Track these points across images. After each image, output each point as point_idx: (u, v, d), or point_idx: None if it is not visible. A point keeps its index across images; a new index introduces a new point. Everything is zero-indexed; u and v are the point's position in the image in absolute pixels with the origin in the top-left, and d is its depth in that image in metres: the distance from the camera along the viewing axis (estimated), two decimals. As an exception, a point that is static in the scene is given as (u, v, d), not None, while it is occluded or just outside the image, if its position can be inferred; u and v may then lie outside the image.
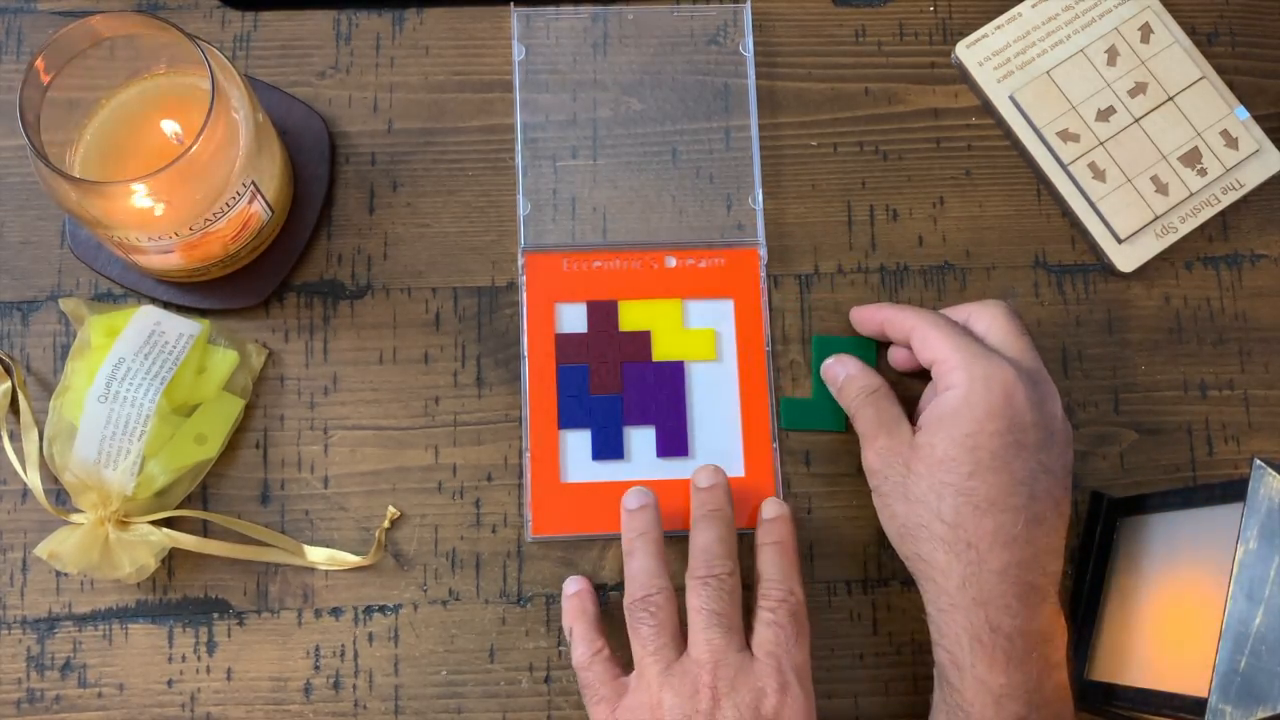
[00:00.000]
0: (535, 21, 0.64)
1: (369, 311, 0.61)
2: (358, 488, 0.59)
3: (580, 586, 0.57)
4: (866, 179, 0.64)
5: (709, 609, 0.52)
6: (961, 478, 0.52)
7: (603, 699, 0.53)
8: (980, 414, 0.52)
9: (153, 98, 0.56)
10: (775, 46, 0.65)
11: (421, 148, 0.63)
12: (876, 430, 0.56)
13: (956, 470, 0.52)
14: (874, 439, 0.55)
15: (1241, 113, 0.64)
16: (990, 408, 0.52)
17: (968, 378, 0.53)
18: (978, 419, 0.52)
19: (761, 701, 0.50)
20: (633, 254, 0.61)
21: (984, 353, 0.54)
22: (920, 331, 0.56)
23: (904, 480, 0.53)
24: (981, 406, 0.52)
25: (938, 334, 0.55)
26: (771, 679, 0.51)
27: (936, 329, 0.55)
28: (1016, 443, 0.52)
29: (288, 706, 0.56)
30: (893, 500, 0.54)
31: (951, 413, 0.53)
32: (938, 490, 0.52)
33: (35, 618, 0.57)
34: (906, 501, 0.53)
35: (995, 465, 0.52)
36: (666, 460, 0.59)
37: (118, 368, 0.55)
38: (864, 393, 0.57)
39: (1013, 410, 0.52)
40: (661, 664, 0.52)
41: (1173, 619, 0.51)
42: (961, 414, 0.52)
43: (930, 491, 0.52)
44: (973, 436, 0.52)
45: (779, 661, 0.51)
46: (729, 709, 0.50)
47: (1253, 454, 0.57)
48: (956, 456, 0.52)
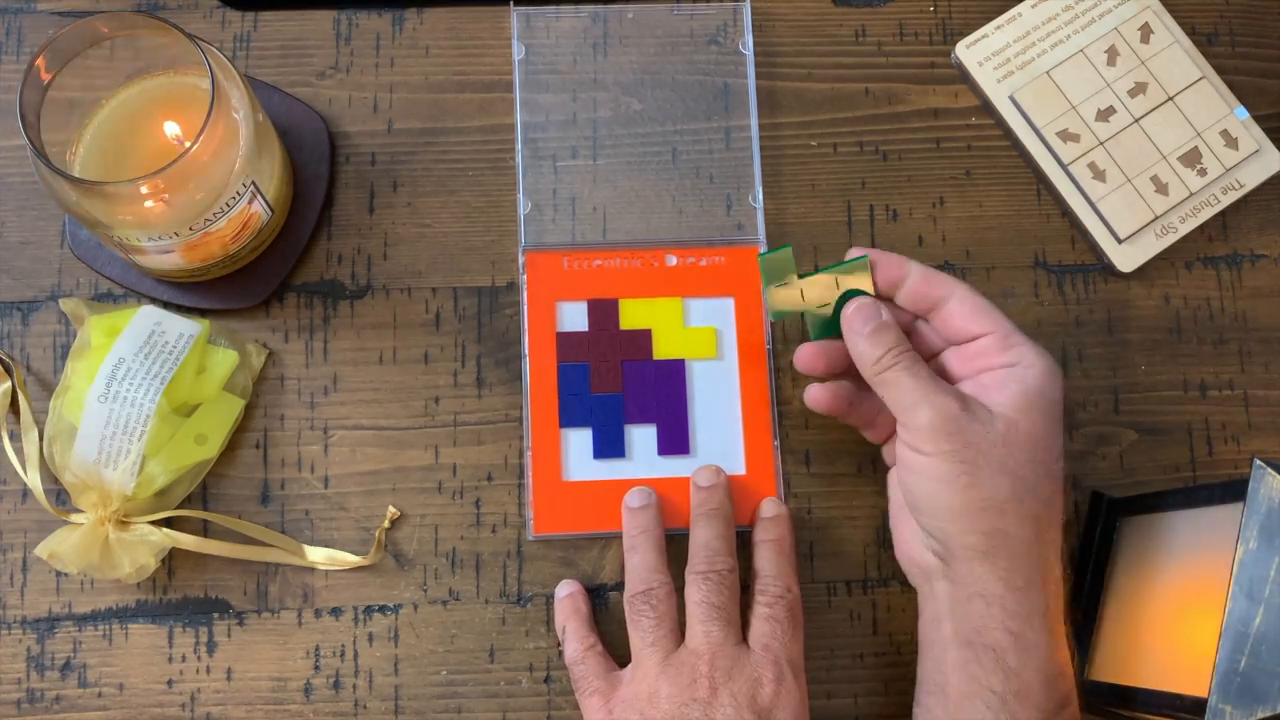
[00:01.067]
0: (535, 21, 0.64)
1: (369, 311, 0.61)
2: (358, 488, 0.59)
3: (573, 589, 0.57)
4: (866, 179, 0.64)
5: (708, 602, 0.53)
6: (1052, 459, 0.51)
7: (596, 691, 0.53)
8: (1058, 396, 0.52)
9: (153, 98, 0.56)
10: (775, 46, 0.65)
11: (421, 148, 0.63)
12: (936, 389, 0.51)
13: (1050, 450, 0.51)
14: (940, 400, 0.50)
15: (1241, 113, 0.64)
16: (1060, 386, 0.52)
17: (1039, 356, 0.52)
18: (1056, 400, 0.52)
19: (757, 691, 0.51)
20: (633, 252, 0.61)
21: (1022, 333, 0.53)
22: (969, 300, 0.53)
23: (997, 451, 0.50)
24: (1058, 388, 0.52)
25: (989, 306, 0.53)
26: (768, 670, 0.51)
27: (985, 301, 0.53)
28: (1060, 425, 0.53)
29: (288, 706, 0.56)
30: (981, 470, 0.50)
31: (1039, 391, 0.51)
32: (1034, 467, 0.50)
33: (35, 618, 0.57)
34: (1001, 474, 0.50)
35: (1063, 448, 0.52)
36: (667, 458, 0.59)
37: (118, 368, 0.55)
38: (901, 344, 0.52)
39: (1062, 385, 0.53)
40: (660, 654, 0.52)
41: (1173, 619, 0.51)
42: (1047, 393, 0.51)
43: (1028, 467, 0.50)
44: (1057, 420, 0.52)
45: (775, 654, 0.52)
46: (726, 698, 0.50)
47: (1253, 454, 0.57)
48: (1048, 436, 0.51)
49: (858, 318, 0.53)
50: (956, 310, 0.53)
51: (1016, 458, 0.50)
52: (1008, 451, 0.50)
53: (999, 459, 0.50)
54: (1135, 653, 0.53)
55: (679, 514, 0.58)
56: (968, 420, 0.50)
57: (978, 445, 0.50)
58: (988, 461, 0.50)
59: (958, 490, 0.50)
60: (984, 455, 0.50)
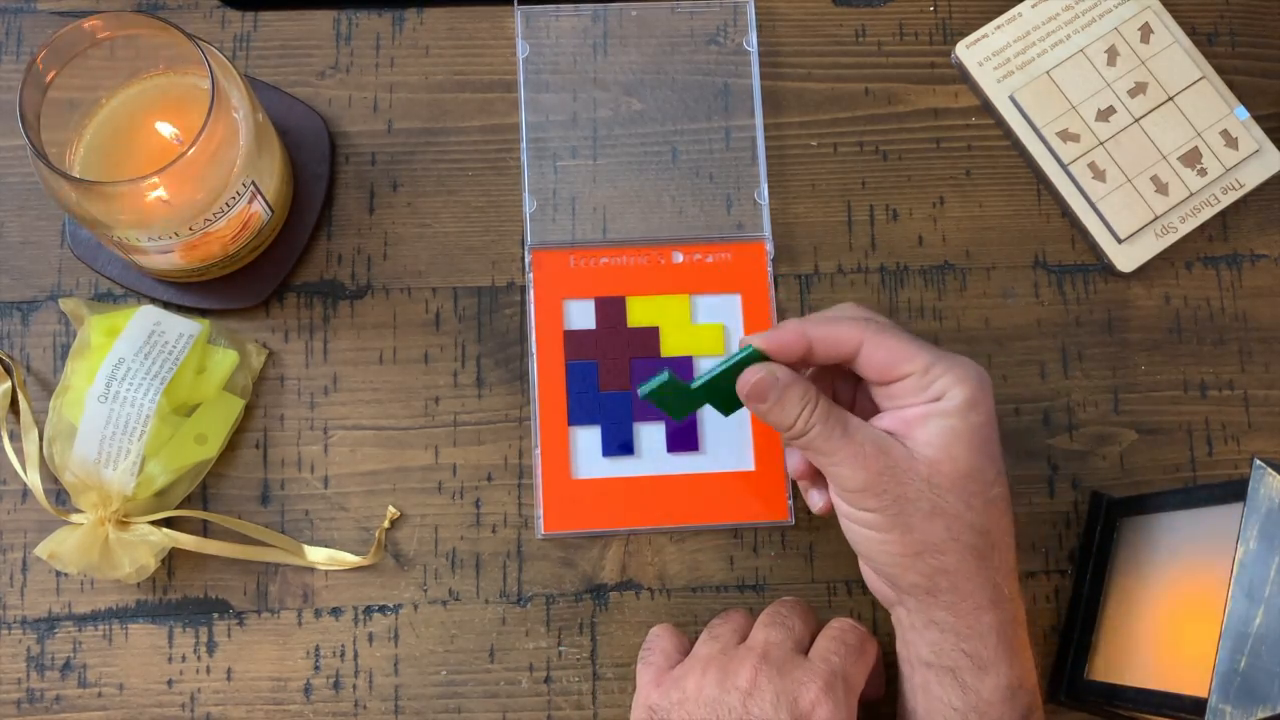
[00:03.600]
0: (536, 20, 0.64)
1: (369, 311, 0.61)
2: (358, 488, 0.59)
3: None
4: (866, 179, 0.64)
5: (777, 614, 0.53)
6: (986, 485, 0.50)
7: (653, 664, 0.54)
8: (984, 417, 0.50)
9: (153, 98, 0.56)
10: (775, 46, 0.65)
11: (421, 148, 0.63)
12: (857, 448, 0.50)
13: (982, 479, 0.50)
14: (861, 458, 0.50)
15: (1241, 113, 0.64)
16: (987, 407, 0.51)
17: (959, 382, 0.50)
18: (984, 423, 0.50)
19: (801, 694, 0.49)
20: (640, 250, 0.61)
21: (945, 351, 0.51)
22: (879, 347, 0.51)
23: (926, 496, 0.49)
24: (983, 408, 0.50)
25: (897, 340, 0.51)
26: (819, 679, 0.50)
27: (892, 334, 0.51)
28: (996, 438, 0.51)
29: (288, 706, 0.56)
30: (913, 518, 0.49)
31: (961, 426, 0.50)
32: (967, 501, 0.50)
33: (35, 618, 0.57)
34: (933, 517, 0.49)
35: (1002, 463, 0.51)
36: (676, 455, 0.59)
37: (118, 368, 0.55)
38: (811, 404, 0.50)
39: (992, 409, 0.51)
40: (716, 647, 0.52)
41: (1173, 619, 0.51)
42: (971, 421, 0.50)
43: (960, 503, 0.49)
44: (987, 443, 0.50)
45: (831, 667, 0.50)
46: (767, 693, 0.49)
47: (1253, 454, 0.57)
48: (981, 466, 0.50)
49: (754, 395, 0.51)
50: (868, 359, 0.51)
51: (946, 498, 0.49)
52: (936, 495, 0.49)
53: (929, 503, 0.49)
54: (1135, 653, 0.53)
55: (689, 510, 0.58)
56: (892, 474, 0.49)
57: (905, 495, 0.49)
58: (917, 509, 0.49)
59: (893, 540, 0.50)
60: (913, 504, 0.49)
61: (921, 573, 0.50)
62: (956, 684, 0.50)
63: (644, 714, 0.51)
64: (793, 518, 0.59)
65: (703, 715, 0.49)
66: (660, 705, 0.51)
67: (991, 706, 0.50)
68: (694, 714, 0.50)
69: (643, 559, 0.59)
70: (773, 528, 0.59)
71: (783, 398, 0.50)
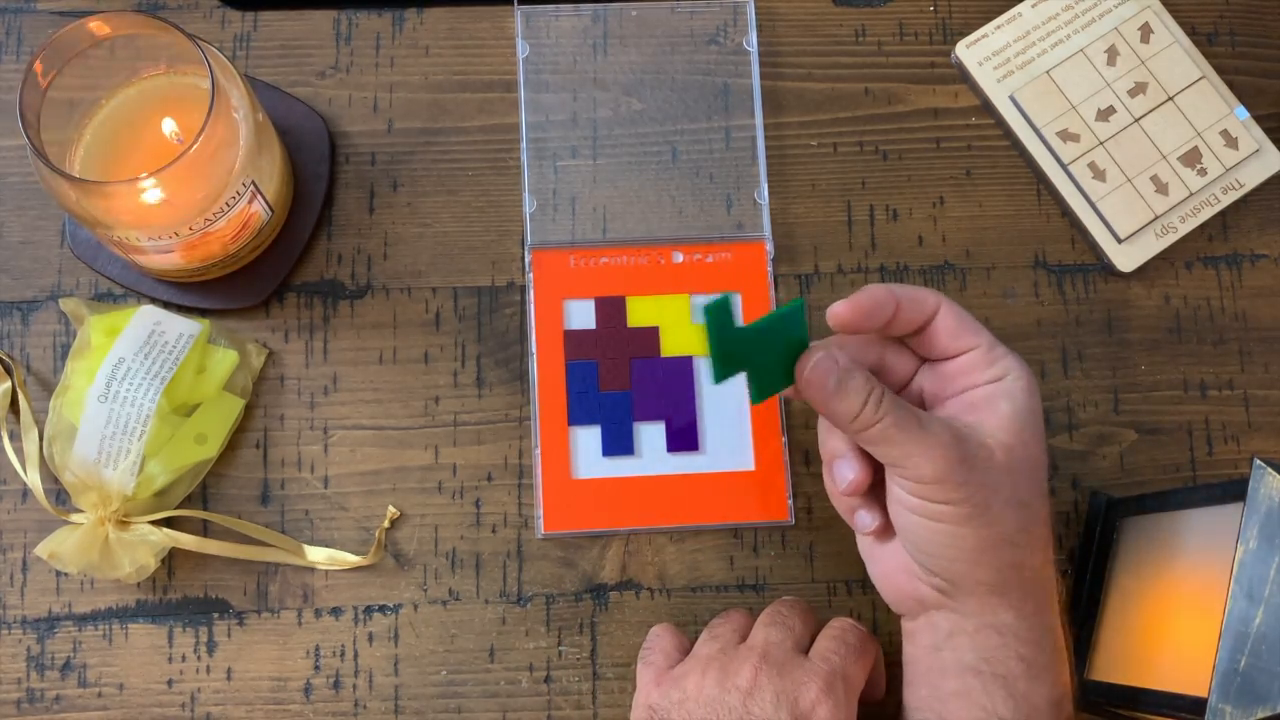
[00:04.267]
0: (536, 20, 0.64)
1: (369, 311, 0.61)
2: (358, 488, 0.59)
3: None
4: (866, 179, 0.64)
5: (778, 613, 0.53)
6: (1044, 478, 0.49)
7: (653, 664, 0.53)
8: (1040, 408, 0.49)
9: (153, 98, 0.56)
10: (775, 46, 0.65)
11: (421, 148, 0.63)
12: (933, 435, 0.46)
13: (1044, 469, 0.49)
14: (939, 446, 0.46)
15: (1241, 112, 0.64)
16: (1040, 402, 0.49)
17: (1023, 368, 0.49)
18: (1041, 414, 0.49)
19: (801, 694, 0.49)
20: (640, 249, 0.61)
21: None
22: (952, 315, 0.49)
23: (1005, 483, 0.47)
24: (1039, 397, 0.49)
25: (970, 317, 0.50)
26: (818, 679, 0.49)
27: (965, 311, 0.50)
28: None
29: (288, 706, 0.56)
30: (993, 509, 0.47)
31: (1029, 409, 0.48)
32: (1036, 490, 0.48)
33: (35, 618, 0.57)
34: (1011, 506, 0.47)
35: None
36: (676, 455, 0.59)
37: (118, 367, 0.55)
38: (877, 390, 0.47)
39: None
40: (717, 646, 0.52)
41: (1173, 619, 0.51)
42: (1035, 408, 0.48)
43: (1032, 491, 0.48)
44: (1043, 434, 0.49)
45: (832, 667, 0.50)
46: (768, 693, 0.49)
47: (1253, 454, 0.57)
48: (1042, 454, 0.49)
49: (815, 377, 0.47)
50: (941, 327, 0.49)
51: (1021, 485, 0.48)
52: (1013, 481, 0.47)
53: (1008, 491, 0.47)
54: (1135, 653, 0.53)
55: (689, 510, 0.58)
56: (970, 462, 0.46)
57: (986, 484, 0.47)
58: (998, 498, 0.47)
59: (972, 532, 0.47)
60: (994, 493, 0.47)
61: (994, 568, 0.47)
62: (1006, 692, 0.48)
63: (644, 713, 0.51)
64: (793, 518, 0.59)
65: (703, 715, 0.49)
66: (660, 705, 0.51)
67: (1040, 715, 0.48)
68: (694, 713, 0.50)
69: (643, 559, 0.59)
70: (773, 528, 0.59)
71: (844, 384, 0.47)
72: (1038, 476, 0.49)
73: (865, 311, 0.48)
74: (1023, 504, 0.48)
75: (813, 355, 0.47)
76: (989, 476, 0.47)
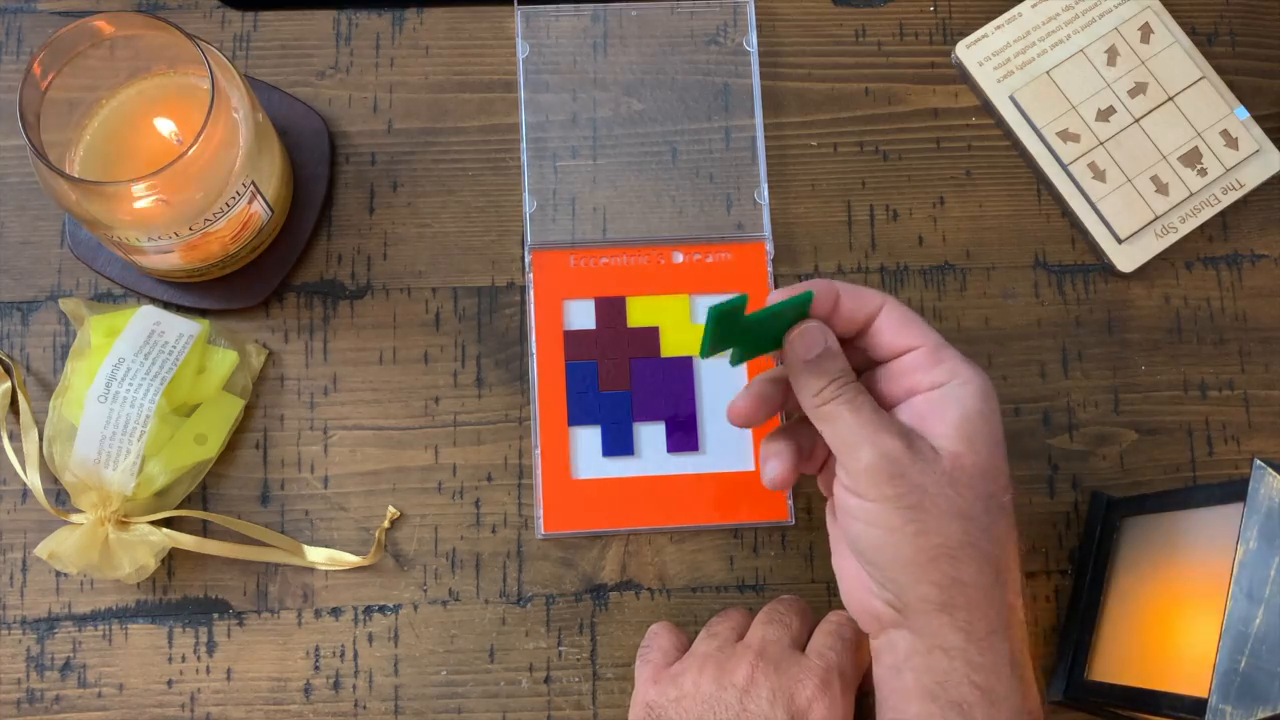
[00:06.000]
0: (536, 20, 0.64)
1: (369, 311, 0.61)
2: (358, 488, 0.59)
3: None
4: (866, 179, 0.64)
5: (775, 612, 0.53)
6: (1001, 489, 0.46)
7: (650, 661, 0.54)
8: (997, 415, 0.47)
9: (153, 98, 0.56)
10: (775, 46, 0.65)
11: (421, 148, 0.63)
12: (880, 425, 0.46)
13: (998, 480, 0.46)
14: (882, 437, 0.45)
15: (1241, 113, 0.64)
16: (998, 409, 0.47)
17: (973, 371, 0.47)
18: (998, 421, 0.46)
19: (797, 691, 0.49)
20: (640, 250, 0.61)
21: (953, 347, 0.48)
22: (895, 311, 0.48)
23: (945, 492, 0.45)
24: (996, 406, 0.47)
25: (916, 318, 0.48)
26: (815, 675, 0.50)
27: (912, 312, 0.48)
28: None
29: (288, 707, 0.56)
30: (933, 517, 0.45)
31: (979, 413, 0.46)
32: (985, 504, 0.45)
33: (35, 618, 0.57)
34: (951, 517, 0.45)
35: (1009, 473, 0.47)
36: (676, 455, 0.59)
37: (118, 368, 0.55)
38: (844, 380, 0.47)
39: (998, 400, 0.48)
40: (714, 644, 0.52)
41: (1173, 619, 0.51)
42: (987, 413, 0.46)
43: (978, 505, 0.45)
44: (1001, 442, 0.46)
45: (828, 663, 0.50)
46: (764, 690, 0.49)
47: (1253, 454, 0.57)
48: (997, 465, 0.46)
49: (801, 343, 0.47)
50: (885, 323, 0.48)
51: (966, 496, 0.45)
52: (955, 491, 0.45)
53: (947, 501, 0.45)
54: (1135, 653, 0.53)
55: (689, 510, 0.58)
56: (911, 460, 0.45)
57: (923, 488, 0.45)
58: (935, 505, 0.45)
59: (906, 539, 0.45)
60: (931, 498, 0.45)
61: (936, 582, 0.45)
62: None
63: (642, 711, 0.52)
64: (793, 518, 0.59)
65: (700, 712, 0.49)
66: (658, 702, 0.51)
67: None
68: (691, 711, 0.50)
69: (643, 559, 0.59)
70: (773, 528, 0.59)
71: (822, 360, 0.47)
72: (988, 489, 0.46)
73: (818, 303, 0.48)
74: (966, 518, 0.45)
75: (805, 324, 0.48)
76: (927, 479, 0.45)
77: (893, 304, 0.48)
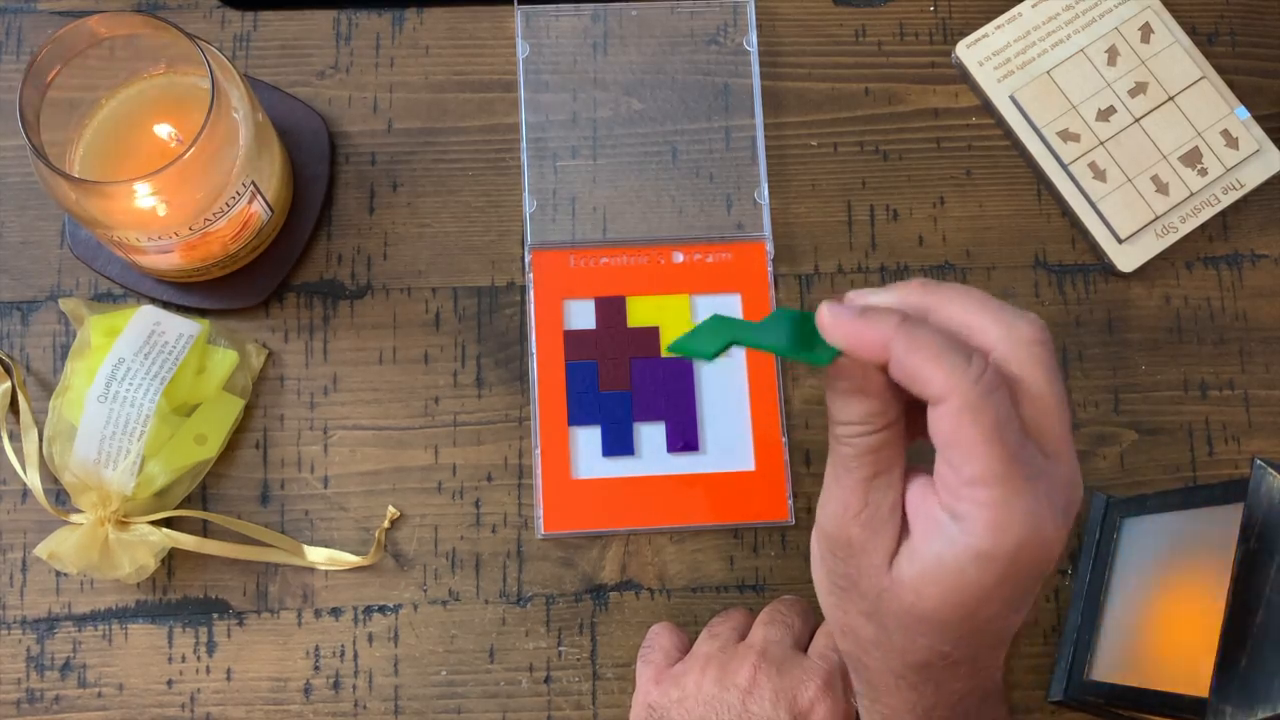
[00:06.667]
0: (536, 20, 0.64)
1: (369, 311, 0.61)
2: (357, 488, 0.59)
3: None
4: (867, 179, 0.63)
5: (776, 612, 0.53)
6: (941, 641, 0.39)
7: (652, 662, 0.54)
8: (993, 579, 0.36)
9: (152, 98, 0.56)
10: (775, 46, 0.65)
11: (421, 148, 0.63)
12: (861, 505, 0.38)
13: (941, 634, 0.39)
14: (850, 513, 0.38)
15: (1242, 112, 0.64)
16: (1007, 573, 0.36)
17: (996, 519, 0.36)
18: (988, 586, 0.37)
19: (800, 692, 0.49)
20: (640, 250, 0.61)
21: (1033, 473, 0.36)
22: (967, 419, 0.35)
23: (874, 602, 0.39)
24: (1000, 567, 0.36)
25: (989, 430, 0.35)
26: (818, 676, 0.50)
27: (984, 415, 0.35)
28: (1015, 608, 0.39)
29: (287, 707, 0.56)
30: (850, 613, 0.40)
31: (957, 570, 0.36)
32: (911, 638, 0.39)
33: (35, 618, 0.57)
34: (869, 623, 0.40)
35: (991, 634, 0.40)
36: (676, 455, 0.59)
37: (117, 368, 0.55)
38: (871, 429, 0.38)
39: (1031, 576, 0.37)
40: (716, 645, 0.52)
41: (1173, 619, 0.51)
42: (969, 575, 0.36)
43: (901, 634, 0.39)
44: (977, 607, 0.37)
45: (830, 664, 0.50)
46: (766, 691, 0.49)
47: (1253, 454, 0.57)
48: (947, 622, 0.38)
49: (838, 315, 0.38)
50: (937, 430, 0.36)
51: (890, 624, 0.39)
52: (886, 610, 0.39)
53: (875, 612, 0.39)
54: (1135, 653, 0.53)
55: (689, 510, 0.58)
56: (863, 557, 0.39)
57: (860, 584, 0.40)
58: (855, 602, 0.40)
59: (825, 598, 0.42)
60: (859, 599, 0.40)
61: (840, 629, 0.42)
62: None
63: (643, 712, 0.51)
64: (793, 518, 0.59)
65: (702, 713, 0.49)
66: (660, 703, 0.51)
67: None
68: (694, 712, 0.50)
69: (643, 559, 0.59)
70: (773, 528, 0.59)
71: (867, 314, 0.38)
72: (914, 629, 0.39)
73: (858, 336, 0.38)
74: (883, 629, 0.40)
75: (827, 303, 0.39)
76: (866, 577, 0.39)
77: (957, 399, 0.35)
